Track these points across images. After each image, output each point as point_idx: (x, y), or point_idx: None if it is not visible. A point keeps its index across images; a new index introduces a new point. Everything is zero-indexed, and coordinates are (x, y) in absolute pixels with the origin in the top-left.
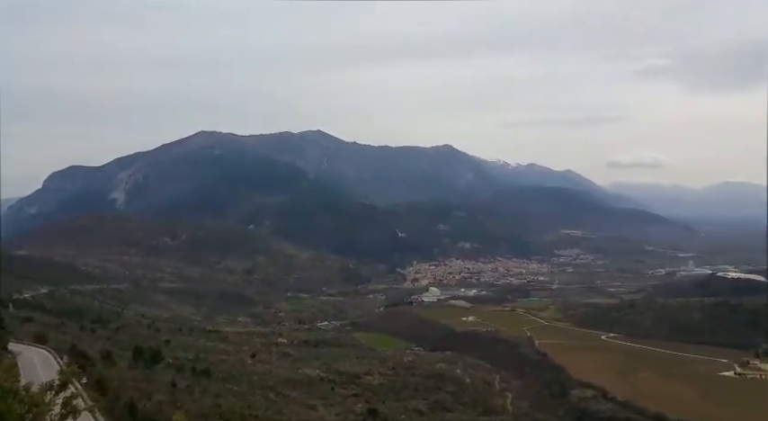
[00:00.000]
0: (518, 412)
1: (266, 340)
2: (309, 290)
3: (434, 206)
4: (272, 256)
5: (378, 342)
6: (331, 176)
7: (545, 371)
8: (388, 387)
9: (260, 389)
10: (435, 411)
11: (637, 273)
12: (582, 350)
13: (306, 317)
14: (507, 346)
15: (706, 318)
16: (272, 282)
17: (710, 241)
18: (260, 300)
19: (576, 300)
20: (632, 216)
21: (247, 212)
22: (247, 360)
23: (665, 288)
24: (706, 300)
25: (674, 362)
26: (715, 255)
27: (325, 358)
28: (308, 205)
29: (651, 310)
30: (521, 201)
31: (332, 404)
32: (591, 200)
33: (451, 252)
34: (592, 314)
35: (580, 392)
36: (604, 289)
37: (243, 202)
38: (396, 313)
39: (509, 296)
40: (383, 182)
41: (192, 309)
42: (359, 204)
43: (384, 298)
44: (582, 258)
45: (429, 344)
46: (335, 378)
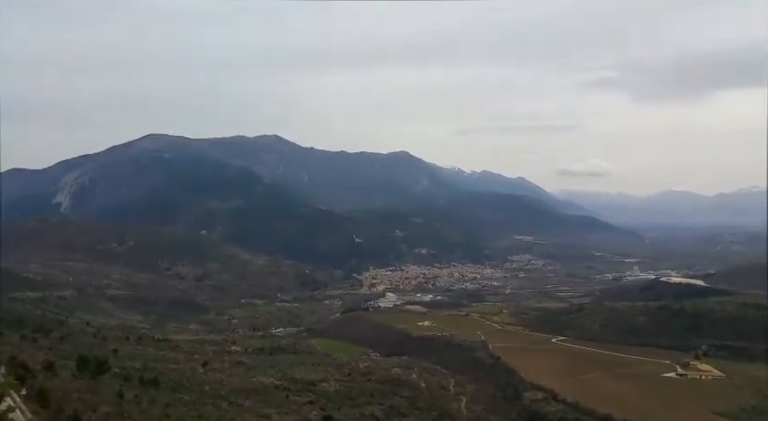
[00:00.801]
0: (472, 415)
1: (219, 348)
2: (264, 296)
3: (391, 212)
4: (225, 262)
5: (334, 348)
6: (287, 181)
7: (498, 374)
8: (344, 393)
9: (212, 398)
10: (391, 416)
11: (585, 277)
12: (533, 353)
13: (260, 323)
14: (462, 350)
15: (650, 322)
16: (224, 288)
17: (654, 247)
18: (212, 307)
19: (527, 304)
20: (581, 223)
21: (199, 217)
22: (199, 369)
23: (611, 292)
24: (650, 303)
25: (621, 363)
26: (658, 261)
27: (279, 365)
28: (262, 210)
29: (599, 314)
30: (475, 207)
31: (287, 412)
32: (542, 207)
33: (408, 258)
34: (543, 318)
35: (532, 394)
36: (555, 293)
37: (194, 207)
38: (352, 319)
39: (464, 301)
40: (340, 187)
41: (141, 316)
42: (315, 210)
43: (340, 304)
44: (533, 263)
45: (385, 350)
46: (290, 385)
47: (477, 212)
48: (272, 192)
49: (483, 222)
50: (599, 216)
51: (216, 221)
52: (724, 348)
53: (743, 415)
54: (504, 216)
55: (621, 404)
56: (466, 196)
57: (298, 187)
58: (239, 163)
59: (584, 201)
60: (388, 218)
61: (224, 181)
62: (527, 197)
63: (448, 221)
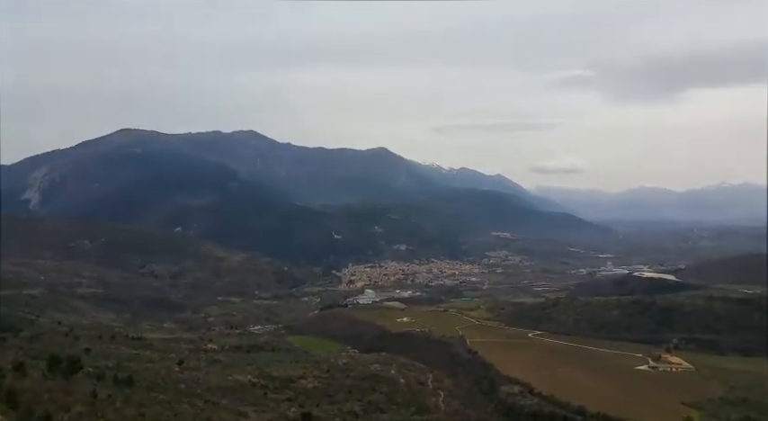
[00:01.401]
0: (450, 410)
1: (194, 346)
2: (241, 293)
3: (370, 208)
4: (201, 259)
5: (312, 345)
6: (264, 177)
7: (476, 368)
8: (323, 390)
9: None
10: (369, 412)
11: (560, 273)
12: (510, 347)
13: (237, 321)
14: (440, 346)
15: (623, 316)
16: (200, 286)
17: (627, 242)
18: (188, 304)
19: (504, 299)
20: (556, 219)
21: (173, 214)
22: (174, 367)
23: (586, 287)
24: (623, 298)
25: (594, 357)
26: (631, 256)
27: (257, 363)
28: (239, 206)
29: (573, 309)
30: (453, 203)
31: (264, 410)
32: (519, 203)
33: (387, 254)
34: (519, 313)
35: (508, 388)
36: (531, 288)
37: (168, 204)
38: (331, 315)
39: (442, 297)
40: (318, 183)
41: (114, 315)
42: (293, 206)
43: (319, 300)
44: (510, 259)
45: (364, 346)
46: (268, 383)
47: (456, 209)
48: (248, 188)
49: (461, 218)
50: (573, 212)
51: (191, 218)
52: (693, 341)
53: (710, 406)
54: (481, 212)
55: (595, 396)
56: (444, 193)
57: (275, 183)
58: (215, 158)
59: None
60: (366, 214)
61: (199, 177)
62: (504, 194)
63: (427, 218)
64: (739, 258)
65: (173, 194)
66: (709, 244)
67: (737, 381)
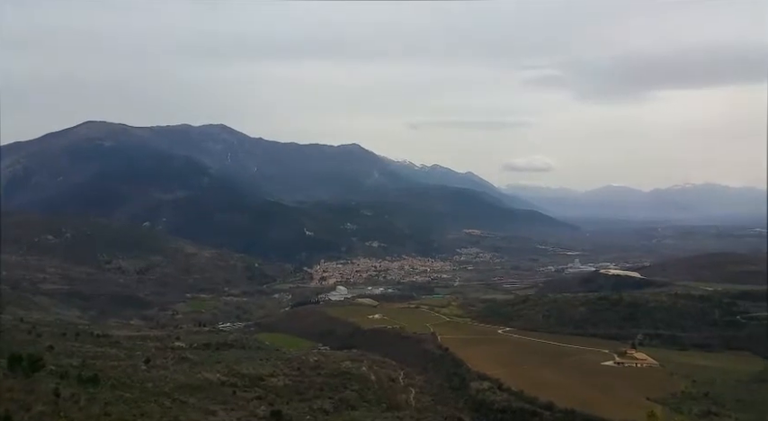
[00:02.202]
0: (421, 406)
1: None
2: (211, 290)
3: (342, 204)
4: (170, 255)
5: (283, 342)
6: (235, 172)
7: (447, 365)
8: (293, 388)
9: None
10: (340, 409)
11: (530, 270)
12: (480, 344)
13: (206, 318)
14: (412, 343)
15: (590, 312)
16: (168, 282)
17: (594, 240)
18: (155, 301)
19: (475, 296)
20: (526, 216)
21: (142, 209)
22: (141, 365)
23: (554, 284)
24: (590, 295)
25: (562, 353)
26: (598, 254)
27: (226, 361)
28: (209, 202)
29: (542, 305)
30: (426, 200)
31: (233, 408)
32: (490, 200)
33: (359, 250)
34: (490, 309)
35: (478, 384)
36: (501, 285)
37: (136, 198)
38: (302, 312)
39: (414, 293)
40: (290, 179)
41: (79, 312)
42: (264, 202)
43: (290, 297)
44: (481, 256)
45: (336, 343)
46: (237, 381)
47: (428, 206)
48: (218, 183)
49: (433, 215)
50: (543, 210)
51: (159, 213)
52: (657, 337)
53: (674, 400)
54: (453, 209)
55: (563, 392)
56: (417, 189)
57: (246, 178)
58: (184, 152)
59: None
60: (338, 210)
61: (168, 171)
62: (475, 191)
63: (399, 214)
64: (702, 256)
65: (141, 188)
66: (672, 242)
67: (699, 376)
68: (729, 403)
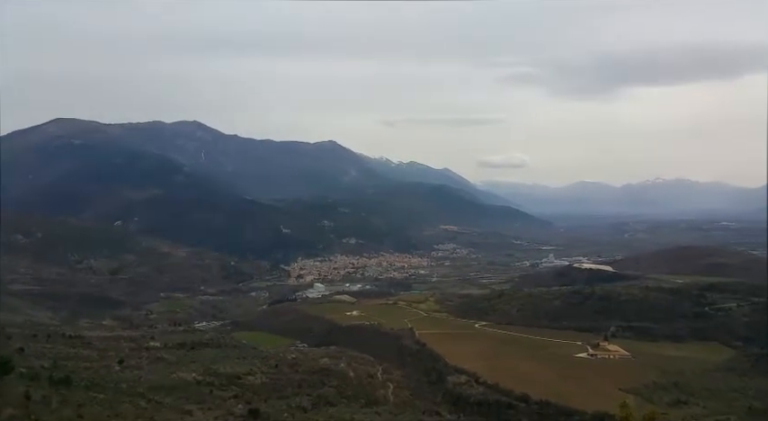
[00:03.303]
0: (399, 401)
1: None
2: (186, 289)
3: (319, 202)
4: (143, 255)
5: (261, 340)
6: (209, 170)
7: (424, 360)
8: (271, 386)
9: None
10: (319, 406)
11: (505, 265)
12: (457, 338)
13: (181, 318)
14: (390, 338)
15: (564, 305)
16: (142, 282)
17: (568, 235)
18: (129, 301)
19: (452, 291)
20: (502, 212)
21: (113, 208)
22: (114, 366)
23: (529, 278)
24: (564, 288)
25: (537, 346)
26: (571, 248)
27: (202, 360)
28: (183, 200)
29: (517, 299)
30: (403, 197)
31: (210, 407)
32: (466, 197)
33: (336, 248)
34: (466, 304)
35: (455, 378)
36: (477, 280)
37: (108, 197)
38: (279, 310)
39: (392, 290)
40: (265, 177)
41: (50, 313)
42: (240, 199)
43: (267, 295)
44: (458, 252)
45: (314, 340)
46: (214, 380)
47: (405, 202)
48: (193, 180)
49: (410, 212)
50: (518, 206)
51: (132, 212)
52: (629, 329)
53: (645, 391)
54: (430, 206)
55: (538, 384)
56: (394, 186)
57: (221, 176)
58: (157, 150)
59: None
60: (315, 208)
61: (140, 169)
62: (452, 188)
63: (376, 211)
64: (672, 250)
65: (112, 187)
66: (644, 236)
67: (670, 366)
68: (698, 392)
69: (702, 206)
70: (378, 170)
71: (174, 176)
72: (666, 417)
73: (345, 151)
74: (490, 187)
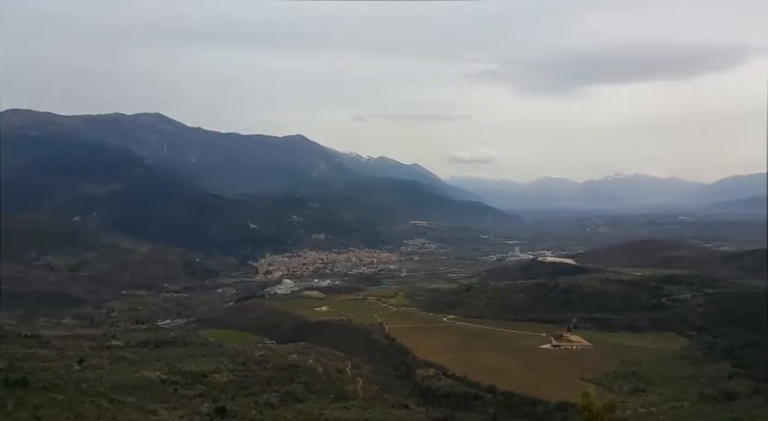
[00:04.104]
0: (368, 395)
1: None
2: (148, 286)
3: (287, 197)
4: (103, 251)
5: (227, 338)
6: (172, 163)
7: (393, 354)
8: (238, 383)
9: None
10: (287, 403)
11: (473, 259)
12: (426, 332)
13: (144, 316)
14: (359, 333)
15: (529, 298)
16: (103, 279)
17: (533, 230)
18: (89, 299)
19: (421, 286)
20: (470, 207)
21: (72, 203)
22: (74, 366)
23: (496, 272)
24: (529, 281)
25: (504, 338)
26: (536, 242)
27: (167, 359)
28: (145, 194)
29: (484, 293)
30: (372, 192)
31: (175, 406)
32: (435, 192)
33: (305, 243)
34: (435, 298)
35: (424, 371)
36: (446, 275)
37: (66, 191)
38: (247, 307)
39: (361, 285)
40: (232, 171)
41: (6, 312)
42: (205, 194)
43: (234, 292)
44: (427, 247)
45: (282, 337)
46: (179, 379)
47: (375, 197)
48: (155, 174)
49: (380, 207)
50: (485, 201)
51: (91, 207)
52: (591, 320)
53: (606, 380)
54: (400, 201)
55: (504, 375)
56: (363, 181)
57: (185, 170)
58: (117, 142)
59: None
60: (284, 203)
61: (100, 162)
62: (422, 183)
63: (345, 206)
64: (631, 243)
65: (71, 181)
66: (604, 231)
67: (629, 356)
68: (655, 380)
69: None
70: (347, 165)
71: (136, 170)
72: (625, 406)
73: (314, 146)
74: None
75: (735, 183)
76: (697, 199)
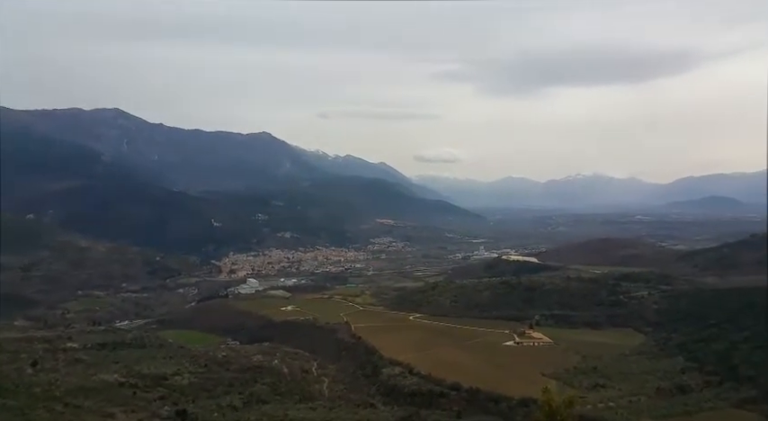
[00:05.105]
0: (333, 395)
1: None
2: (106, 286)
3: (252, 195)
4: (59, 250)
5: (189, 339)
6: (132, 160)
7: (360, 353)
8: (200, 385)
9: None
10: (251, 404)
11: (439, 257)
12: (392, 330)
13: (102, 317)
14: (325, 333)
15: (493, 296)
16: (58, 279)
17: (497, 228)
18: (43, 300)
19: (387, 284)
20: (435, 206)
21: (25, 200)
22: (27, 369)
23: (461, 270)
24: (493, 279)
25: (468, 335)
26: (500, 241)
27: (125, 361)
28: (103, 192)
29: (450, 291)
30: (339, 191)
31: (133, 410)
32: (402, 191)
33: (271, 242)
34: (401, 297)
35: (390, 370)
36: (412, 273)
37: (19, 188)
38: (210, 307)
39: (328, 284)
40: (195, 168)
41: None
42: (166, 191)
43: (196, 292)
44: (394, 246)
45: (246, 337)
46: (138, 381)
47: (341, 196)
48: (114, 171)
49: (347, 206)
50: (450, 200)
51: (46, 204)
52: (552, 317)
53: (566, 375)
54: (366, 200)
55: (468, 372)
56: (330, 180)
57: (145, 167)
58: (74, 138)
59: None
60: (248, 201)
61: (56, 158)
62: (388, 181)
63: (312, 205)
64: (590, 242)
65: (24, 177)
66: (565, 230)
67: (589, 352)
68: (614, 375)
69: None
70: (314, 163)
71: (94, 166)
72: (585, 401)
73: (280, 143)
74: (425, 181)
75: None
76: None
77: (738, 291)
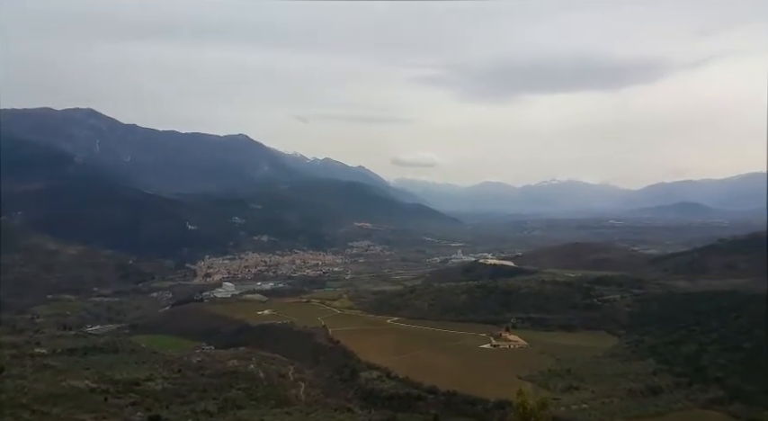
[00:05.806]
0: (310, 400)
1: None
2: (77, 290)
3: (229, 197)
4: (27, 253)
5: (162, 344)
6: (105, 161)
7: (337, 357)
8: (173, 391)
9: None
10: (226, 410)
11: (417, 261)
12: (370, 334)
13: (72, 321)
14: (302, 337)
15: (470, 299)
16: (26, 282)
17: (474, 232)
18: (11, 304)
19: (366, 288)
20: (414, 210)
21: None
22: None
23: (439, 274)
24: (471, 283)
25: (445, 338)
26: (477, 245)
27: (96, 367)
28: (74, 193)
29: (428, 294)
30: (317, 194)
31: (105, 416)
32: (380, 194)
33: (248, 245)
34: (380, 300)
35: (367, 374)
36: (391, 277)
37: None
38: (184, 311)
39: (305, 288)
40: (169, 170)
41: None
42: (140, 193)
43: (171, 296)
44: (372, 249)
45: (222, 342)
46: (110, 387)
47: (319, 199)
48: (86, 172)
49: (325, 209)
50: (428, 204)
51: (14, 206)
52: (528, 320)
53: (541, 377)
54: (345, 203)
55: (445, 375)
56: (308, 183)
57: (118, 168)
58: (44, 139)
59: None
60: (225, 203)
61: (25, 159)
62: (366, 185)
63: (290, 208)
64: (565, 246)
65: None
66: (540, 234)
67: (563, 354)
68: (587, 377)
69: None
70: (292, 166)
71: (65, 167)
72: (559, 403)
73: (257, 145)
74: (403, 185)
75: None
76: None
77: (707, 295)
